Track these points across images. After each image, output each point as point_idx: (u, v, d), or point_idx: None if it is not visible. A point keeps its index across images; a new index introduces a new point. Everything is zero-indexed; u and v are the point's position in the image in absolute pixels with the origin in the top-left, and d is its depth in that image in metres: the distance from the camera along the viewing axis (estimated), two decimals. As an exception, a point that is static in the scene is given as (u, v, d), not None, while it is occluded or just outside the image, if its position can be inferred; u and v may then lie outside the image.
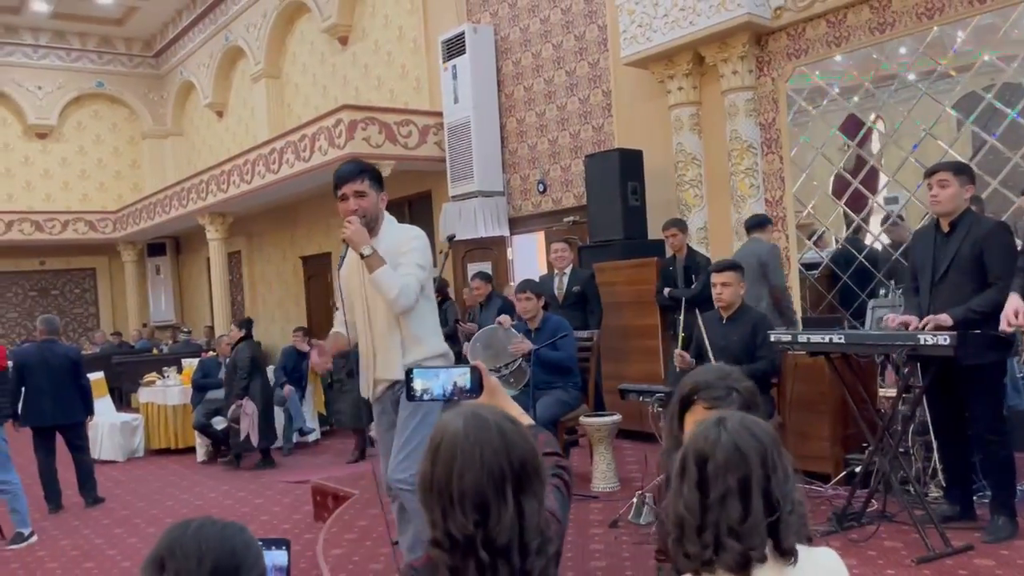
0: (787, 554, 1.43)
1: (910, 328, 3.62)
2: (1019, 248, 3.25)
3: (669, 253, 6.45)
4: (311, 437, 9.11)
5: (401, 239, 3.35)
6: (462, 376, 1.95)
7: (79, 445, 6.88)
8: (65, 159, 18.03)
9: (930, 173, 3.76)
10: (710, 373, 2.10)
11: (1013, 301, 3.00)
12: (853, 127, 6.45)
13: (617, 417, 5.19)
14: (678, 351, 4.62)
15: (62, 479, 6.76)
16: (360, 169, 3.37)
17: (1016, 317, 2.96)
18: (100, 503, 6.81)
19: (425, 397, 1.95)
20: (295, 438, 8.83)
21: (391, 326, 3.32)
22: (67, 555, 5.46)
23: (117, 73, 18.43)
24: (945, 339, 3.33)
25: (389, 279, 3.17)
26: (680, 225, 6.37)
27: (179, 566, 1.26)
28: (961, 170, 3.70)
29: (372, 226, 3.33)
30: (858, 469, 4.28)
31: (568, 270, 6.55)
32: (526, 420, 1.91)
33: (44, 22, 17.04)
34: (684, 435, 2.03)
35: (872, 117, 6.35)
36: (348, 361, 7.76)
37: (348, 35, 12.30)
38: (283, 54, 14.20)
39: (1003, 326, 3.01)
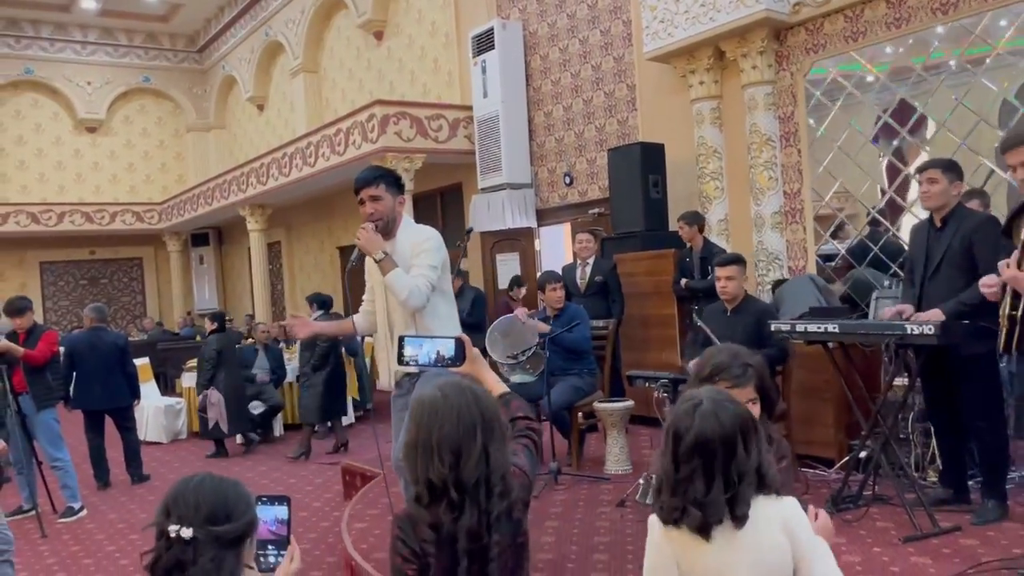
0: (739, 520, 1.70)
1: (904, 316, 3.78)
2: (1003, 244, 3.36)
3: (688, 245, 6.63)
4: (344, 420, 9.44)
5: (416, 240, 3.53)
6: (445, 346, 2.23)
7: (127, 427, 7.29)
8: (113, 152, 18.68)
9: (920, 170, 3.89)
10: (724, 354, 2.35)
11: (985, 279, 3.13)
12: (899, 114, 6.43)
13: (630, 403, 5.41)
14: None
15: (110, 458, 7.18)
16: (376, 175, 3.55)
17: (989, 288, 3.10)
18: (145, 481, 7.21)
19: (412, 363, 2.23)
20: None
21: (407, 321, 3.53)
22: (114, 527, 5.84)
23: (162, 68, 19.01)
24: (930, 328, 3.48)
25: (400, 281, 3.38)
26: (687, 218, 6.53)
27: (181, 513, 1.56)
28: (949, 167, 3.84)
29: (389, 228, 3.53)
30: (861, 455, 4.46)
31: (591, 260, 6.78)
32: (502, 387, 2.20)
33: (92, 19, 17.65)
34: None
35: (888, 111, 6.42)
36: (313, 355, 7.93)
37: (383, 30, 12.59)
38: (320, 49, 14.56)
39: (985, 291, 3.13)
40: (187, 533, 1.53)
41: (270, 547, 1.78)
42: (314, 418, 8.05)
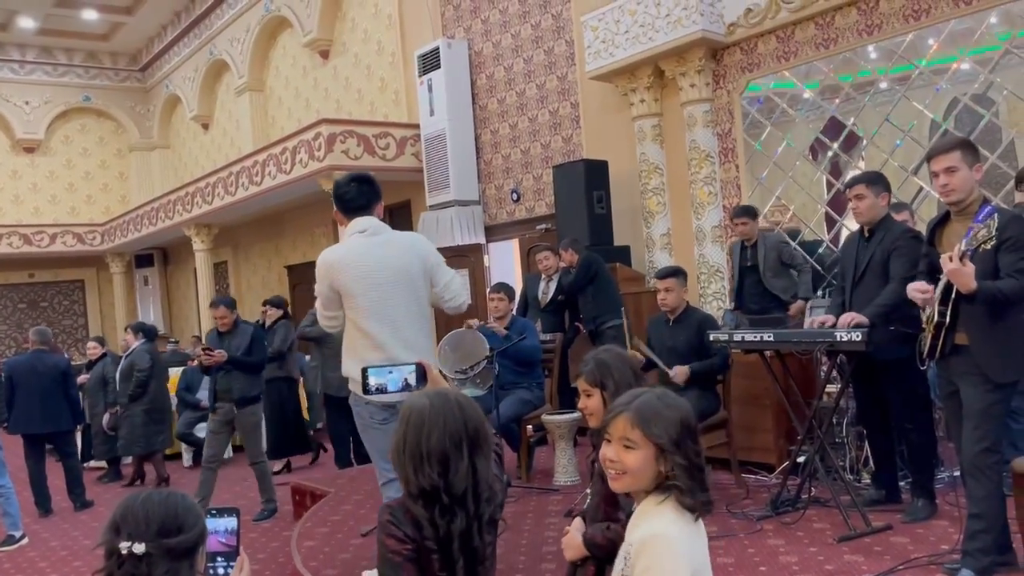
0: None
1: (826, 326, 3.94)
2: (923, 252, 3.53)
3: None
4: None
5: None
6: (411, 374, 2.36)
7: (67, 452, 7.14)
8: (53, 172, 18.27)
9: (847, 187, 4.07)
10: (590, 357, 2.64)
11: (916, 284, 3.25)
12: (831, 130, 6.68)
13: (577, 415, 5.48)
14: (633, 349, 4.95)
15: (52, 485, 7.01)
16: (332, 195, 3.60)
17: (921, 293, 3.20)
18: (89, 507, 7.06)
19: (379, 391, 2.36)
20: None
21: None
22: (57, 555, 5.72)
23: (103, 87, 18.69)
24: (858, 335, 3.64)
25: None
26: (565, 246, 6.71)
27: (131, 529, 1.57)
28: (873, 181, 4.01)
29: None
30: (798, 459, 4.60)
31: (555, 277, 6.88)
32: None
33: (31, 38, 17.29)
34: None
35: (821, 128, 6.67)
36: (131, 385, 7.76)
37: (329, 49, 12.61)
38: (266, 68, 14.50)
39: (918, 298, 3.22)
40: (139, 548, 1.54)
41: (219, 559, 1.80)
42: (139, 448, 7.85)
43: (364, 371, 2.44)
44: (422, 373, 2.39)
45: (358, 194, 3.49)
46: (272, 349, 7.40)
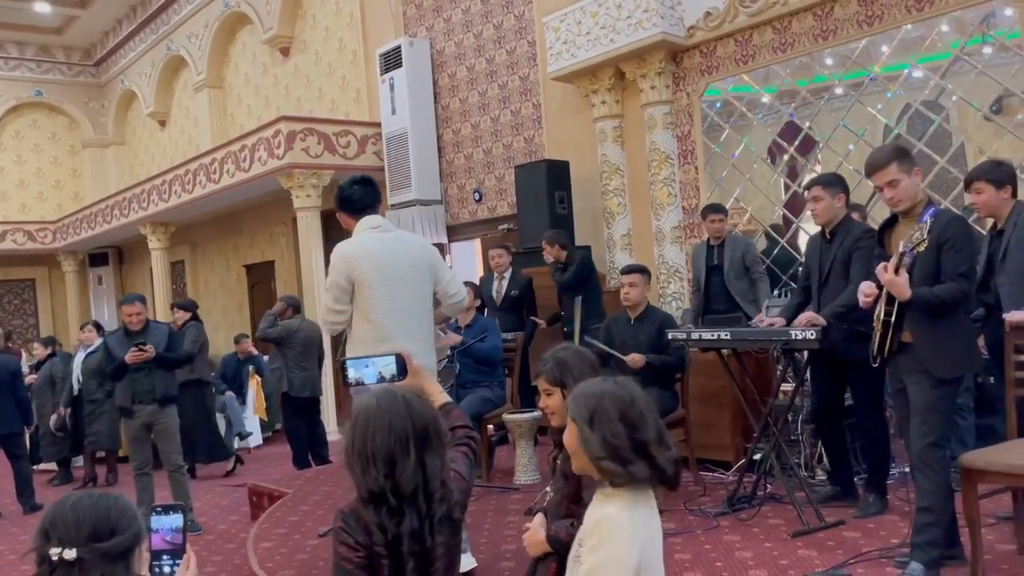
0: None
1: (774, 327, 4.01)
2: (876, 253, 3.60)
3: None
4: (252, 442, 9.27)
5: None
6: (387, 367, 2.32)
7: (17, 454, 6.99)
8: (3, 169, 17.77)
9: (806, 189, 4.14)
10: (548, 356, 2.68)
11: (862, 287, 3.34)
12: (788, 133, 6.76)
13: (537, 414, 5.50)
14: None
15: (0, 488, 6.85)
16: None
17: (868, 289, 3.30)
18: (38, 510, 6.89)
19: (357, 383, 2.31)
20: (236, 443, 8.98)
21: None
22: (4, 559, 5.59)
23: (56, 82, 18.24)
24: (812, 333, 3.71)
25: None
26: (548, 239, 6.71)
27: (60, 534, 1.52)
28: (830, 183, 4.09)
29: None
30: (755, 457, 4.67)
31: (507, 275, 6.90)
32: (444, 398, 2.30)
33: (-20, 31, 16.84)
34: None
35: (778, 131, 6.77)
36: (106, 380, 7.55)
37: (289, 47, 12.47)
38: (225, 64, 14.29)
39: (860, 300, 3.33)
40: (70, 554, 1.50)
41: (165, 557, 1.77)
42: (113, 444, 7.88)
43: (343, 363, 2.39)
44: (402, 365, 2.31)
45: (364, 195, 3.68)
46: (183, 351, 7.30)
